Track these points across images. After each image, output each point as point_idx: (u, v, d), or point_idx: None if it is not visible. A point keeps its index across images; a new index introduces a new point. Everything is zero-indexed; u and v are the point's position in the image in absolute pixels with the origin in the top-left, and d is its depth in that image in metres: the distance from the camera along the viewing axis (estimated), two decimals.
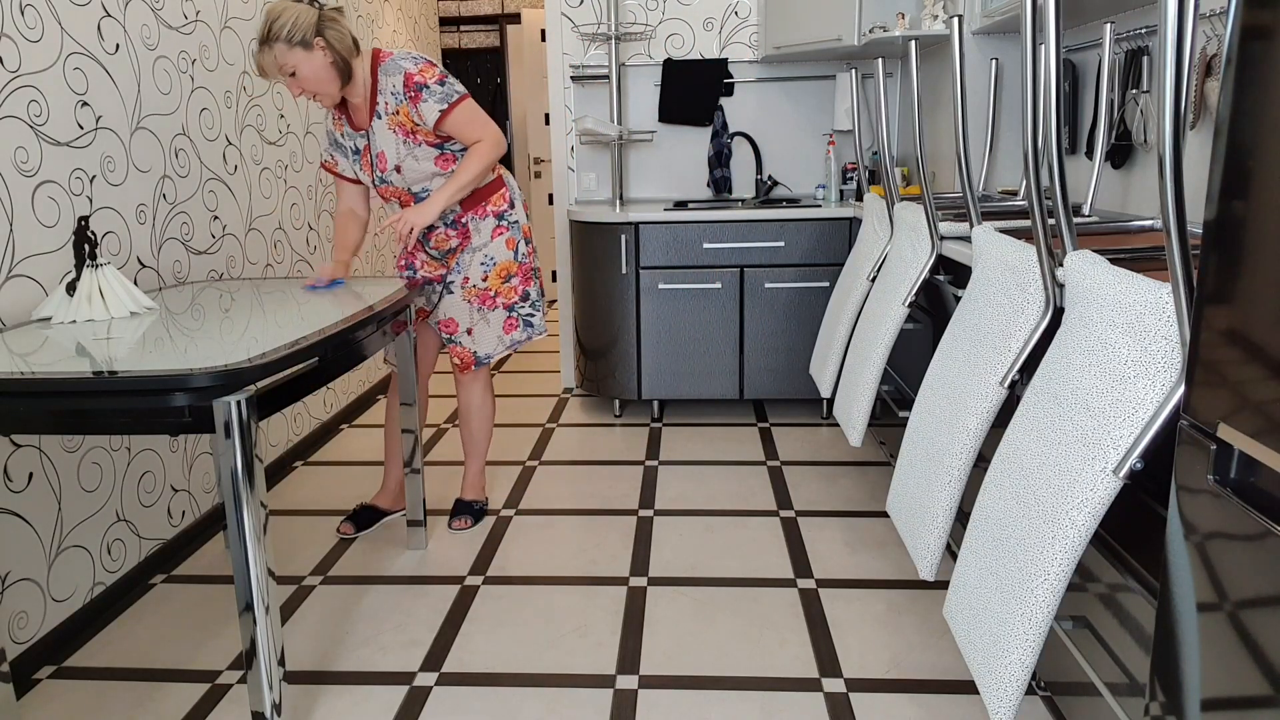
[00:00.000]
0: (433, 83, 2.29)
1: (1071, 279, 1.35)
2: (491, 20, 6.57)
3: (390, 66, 2.30)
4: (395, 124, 2.34)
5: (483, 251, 2.50)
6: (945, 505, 1.70)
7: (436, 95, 2.29)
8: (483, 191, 2.48)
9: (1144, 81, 2.26)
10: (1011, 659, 1.28)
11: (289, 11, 2.15)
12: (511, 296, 2.56)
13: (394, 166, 2.38)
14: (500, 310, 2.56)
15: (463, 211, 2.47)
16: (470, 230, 2.49)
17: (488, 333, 2.57)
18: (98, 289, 1.92)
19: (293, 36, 2.14)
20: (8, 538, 1.92)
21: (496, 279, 2.53)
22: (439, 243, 2.52)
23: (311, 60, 2.18)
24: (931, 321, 2.37)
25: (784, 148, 3.99)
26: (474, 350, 2.57)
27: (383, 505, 2.73)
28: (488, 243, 2.50)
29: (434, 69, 2.30)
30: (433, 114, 2.29)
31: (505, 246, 2.52)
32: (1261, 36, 0.85)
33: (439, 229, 2.50)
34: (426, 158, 2.38)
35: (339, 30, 2.22)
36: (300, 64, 2.17)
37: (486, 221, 2.49)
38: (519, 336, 2.61)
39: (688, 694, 1.86)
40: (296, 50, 2.15)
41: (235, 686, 1.93)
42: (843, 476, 3.02)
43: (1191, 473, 0.98)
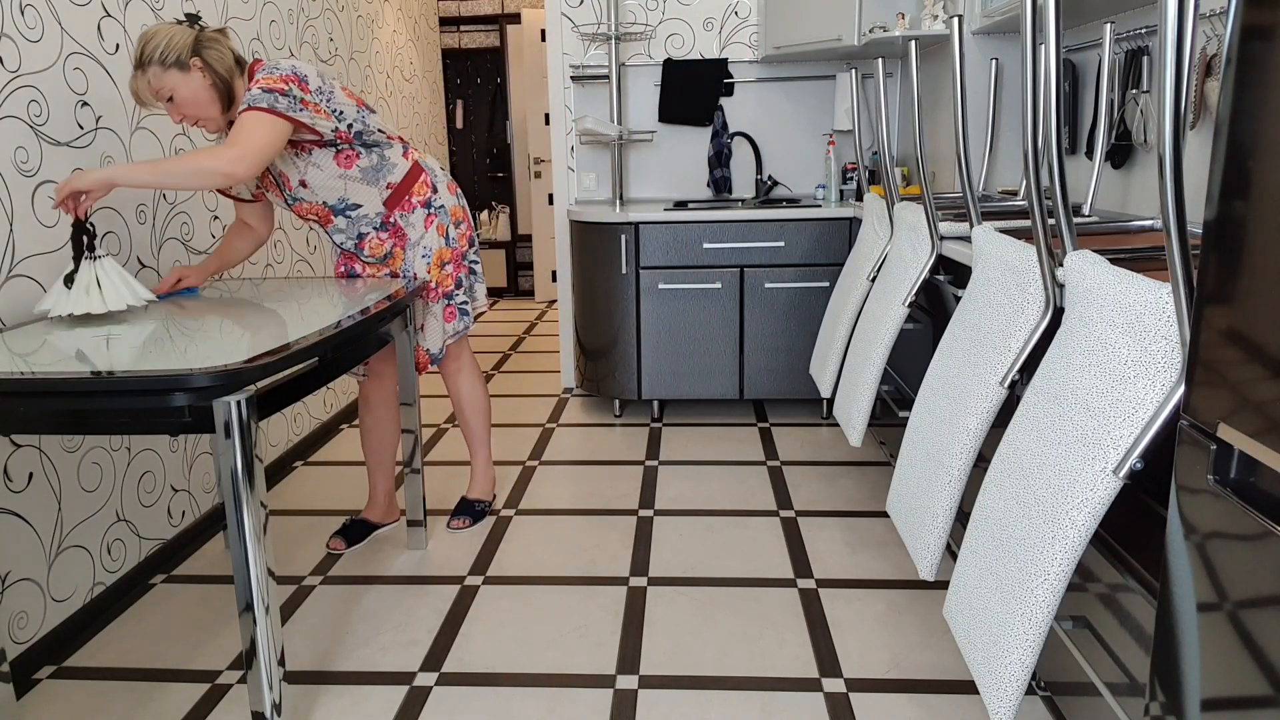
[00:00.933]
0: (259, 87, 2.05)
1: (1071, 279, 1.35)
2: (491, 20, 6.57)
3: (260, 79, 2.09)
4: None
5: (422, 244, 2.43)
6: (945, 505, 1.70)
7: (251, 94, 2.05)
8: (402, 186, 2.37)
9: (1144, 81, 2.26)
10: (1011, 659, 1.28)
11: (163, 32, 2.02)
12: (447, 284, 2.49)
13: (299, 182, 2.26)
14: (441, 300, 2.50)
15: (388, 212, 2.38)
16: (403, 227, 2.41)
17: (434, 325, 2.50)
18: (95, 281, 1.92)
19: (167, 58, 2.00)
20: (8, 538, 1.93)
21: (435, 269, 2.45)
22: (373, 249, 2.42)
23: (189, 82, 2.04)
24: (931, 321, 2.37)
25: (784, 148, 3.99)
26: (426, 348, 2.51)
27: (373, 519, 2.67)
28: (424, 234, 2.42)
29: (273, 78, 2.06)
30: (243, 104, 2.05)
31: (436, 234, 2.44)
32: (1261, 36, 0.85)
33: (369, 235, 2.40)
34: (325, 161, 2.24)
35: (219, 50, 2.08)
36: (177, 87, 2.03)
37: (416, 214, 2.41)
38: (458, 326, 2.54)
39: (688, 694, 1.86)
40: (172, 72, 2.01)
41: (235, 686, 1.93)
42: (843, 476, 3.02)
43: (1191, 473, 0.98)
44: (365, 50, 4.10)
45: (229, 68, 2.10)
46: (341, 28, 3.82)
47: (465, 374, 2.65)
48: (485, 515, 2.74)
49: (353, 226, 2.39)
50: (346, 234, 2.40)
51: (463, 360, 2.64)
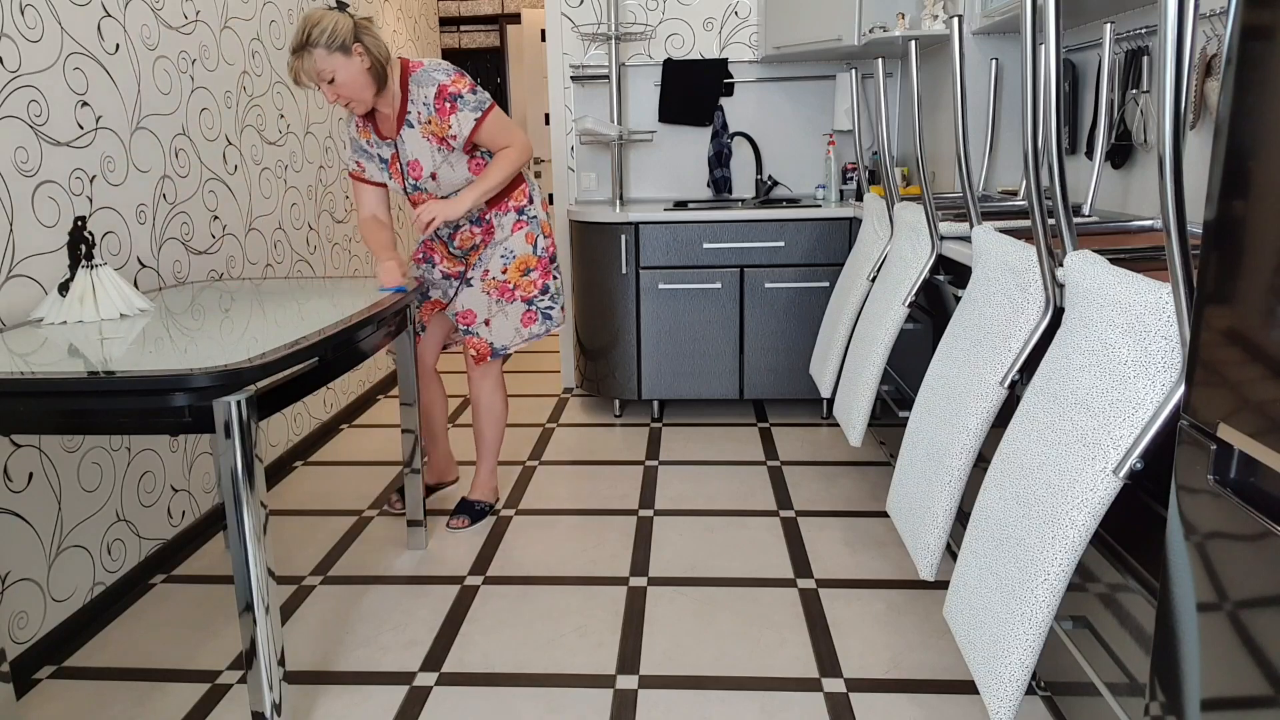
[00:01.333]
0: (466, 93, 2.34)
1: (1071, 279, 1.35)
2: (491, 20, 6.57)
3: (423, 77, 2.33)
4: (428, 133, 2.37)
5: (503, 245, 2.55)
6: (945, 505, 1.70)
7: (470, 105, 2.34)
8: (506, 189, 2.53)
9: (1144, 81, 2.26)
10: (1011, 659, 1.28)
11: (328, 17, 2.17)
12: (530, 290, 2.59)
13: (429, 174, 2.43)
14: (519, 303, 2.59)
15: (487, 209, 2.53)
16: (494, 225, 2.54)
17: (505, 325, 2.59)
18: (91, 290, 1.92)
19: (332, 42, 2.16)
20: (8, 538, 1.92)
21: (515, 272, 2.56)
22: (463, 241, 2.58)
23: (350, 66, 2.20)
24: (931, 321, 2.37)
25: (784, 148, 3.99)
26: (490, 341, 2.60)
27: (429, 481, 2.84)
28: (508, 236, 2.55)
29: (465, 79, 2.35)
30: (468, 123, 2.34)
31: (524, 240, 2.56)
32: (1261, 36, 0.85)
33: (464, 227, 2.56)
34: (461, 164, 2.43)
35: (375, 38, 2.25)
36: (339, 69, 2.19)
37: (508, 216, 2.54)
38: (537, 330, 2.64)
39: (688, 694, 1.86)
40: (336, 56, 2.17)
41: (235, 686, 1.93)
42: (843, 476, 3.02)
43: (1191, 473, 0.98)
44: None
45: (385, 54, 2.27)
46: None
47: (491, 380, 2.70)
48: (485, 515, 2.76)
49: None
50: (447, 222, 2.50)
51: (494, 369, 2.71)
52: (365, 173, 2.52)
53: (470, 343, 2.61)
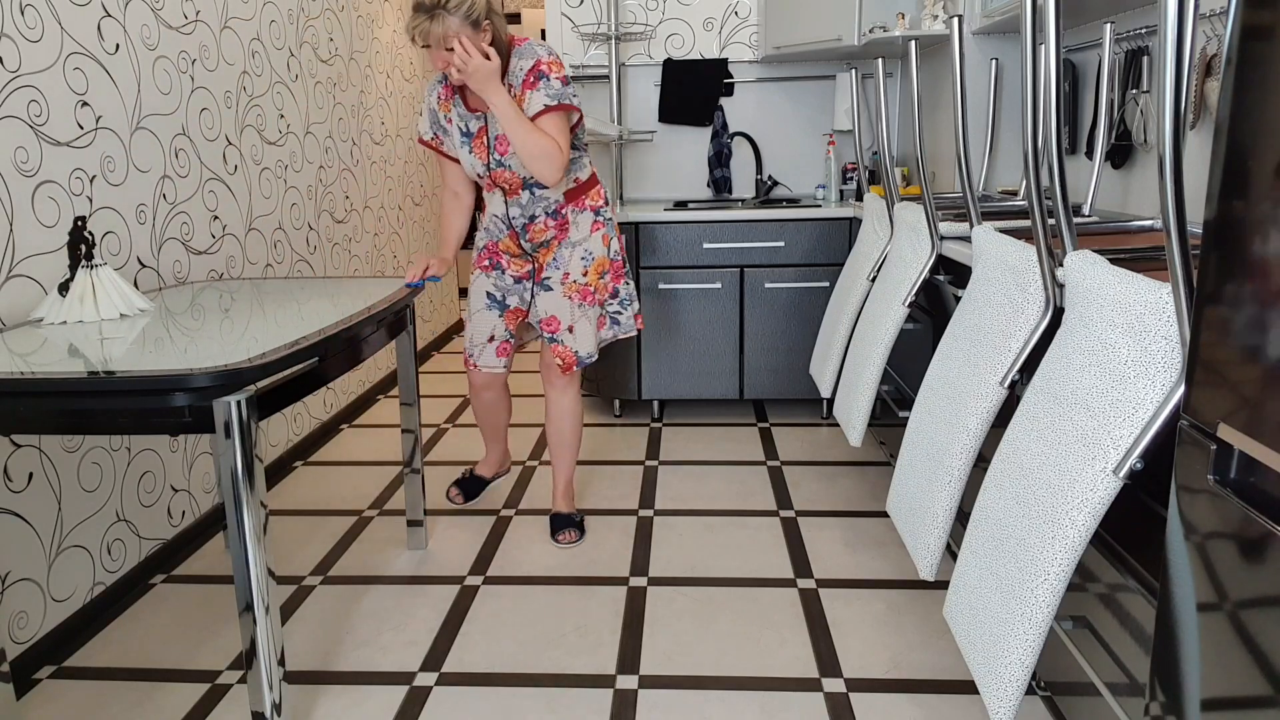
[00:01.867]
0: (555, 78, 2.28)
1: (1071, 279, 1.35)
2: None
3: (525, 50, 2.30)
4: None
5: (583, 246, 2.47)
6: (945, 505, 1.70)
7: (551, 90, 2.27)
8: (583, 185, 2.47)
9: (1144, 81, 2.26)
10: (1011, 659, 1.28)
11: None
12: (604, 293, 2.53)
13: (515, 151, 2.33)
14: (596, 307, 2.53)
15: (564, 202, 2.44)
16: (569, 222, 2.46)
17: (588, 330, 2.51)
18: (91, 290, 1.92)
19: (471, 13, 2.16)
20: (8, 538, 1.92)
21: (594, 275, 2.50)
22: (535, 234, 2.47)
23: (477, 41, 2.19)
24: (931, 321, 2.37)
25: (784, 148, 3.99)
26: (575, 349, 2.50)
27: (486, 474, 2.86)
28: (587, 237, 2.47)
29: (562, 68, 2.31)
30: (538, 104, 2.26)
31: (601, 242, 2.49)
32: (1261, 36, 0.85)
33: (539, 219, 2.45)
34: None
35: (500, 16, 2.26)
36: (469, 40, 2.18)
37: (585, 215, 2.47)
38: (606, 335, 2.60)
39: (688, 694, 1.86)
40: (468, 26, 2.17)
41: (235, 686, 1.93)
42: (843, 476, 3.02)
43: (1191, 473, 0.98)
44: (365, 50, 4.10)
45: (508, 38, 2.28)
46: (341, 28, 3.82)
47: (574, 391, 2.61)
48: (583, 524, 2.66)
49: (533, 204, 2.42)
50: (524, 210, 2.43)
51: (577, 377, 2.62)
52: (443, 145, 2.47)
53: (556, 351, 2.50)
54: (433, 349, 5.10)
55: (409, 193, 4.74)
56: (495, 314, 2.57)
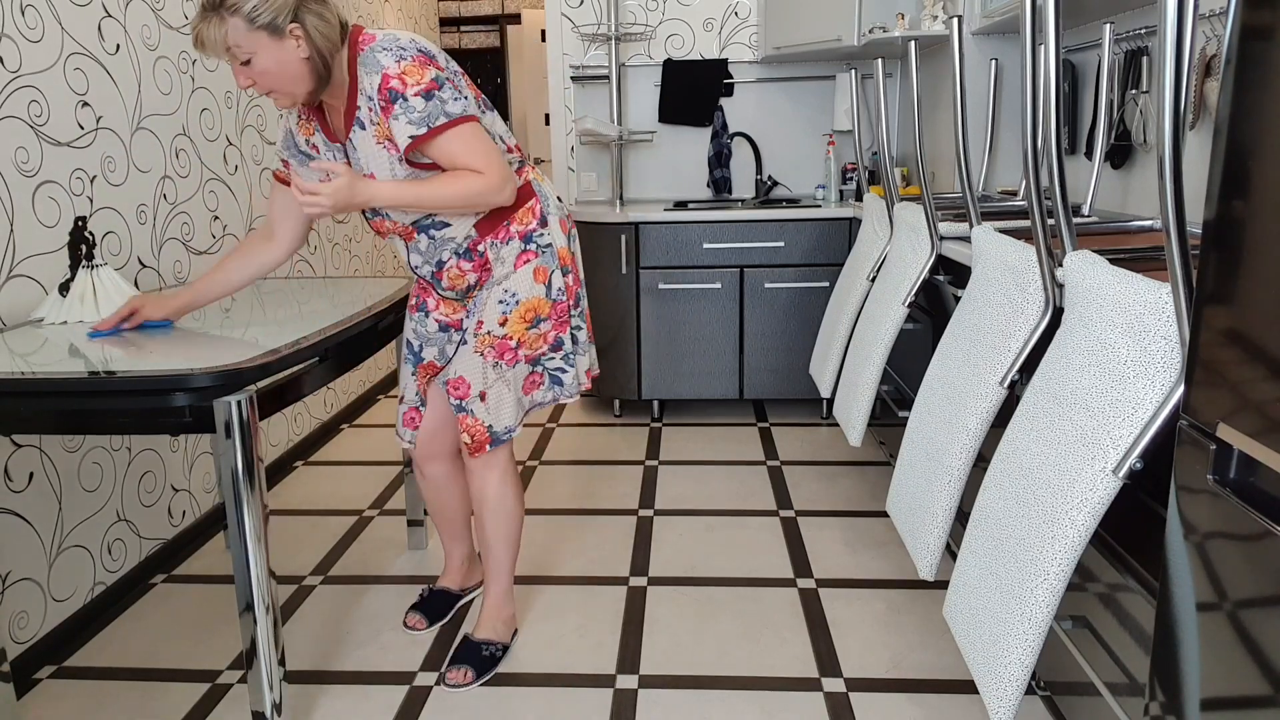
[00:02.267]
0: (414, 93, 1.63)
1: (1071, 279, 1.35)
2: (491, 20, 6.57)
3: (368, 60, 1.64)
4: (381, 137, 1.69)
5: (502, 285, 1.83)
6: (945, 505, 1.70)
7: (414, 113, 1.64)
8: (502, 209, 1.82)
9: (1144, 81, 2.26)
10: (1011, 659, 1.28)
11: None
12: (539, 346, 1.87)
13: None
14: (523, 365, 1.87)
15: (479, 237, 1.82)
16: (491, 259, 1.84)
17: (505, 397, 1.86)
18: (91, 290, 1.92)
19: (257, 15, 1.54)
20: (8, 538, 1.93)
21: (519, 323, 1.83)
22: (452, 281, 1.88)
23: (279, 51, 1.58)
24: (931, 321, 2.37)
25: (784, 148, 3.99)
26: (488, 423, 1.86)
27: (452, 587, 2.23)
28: (510, 273, 1.83)
29: (423, 70, 1.65)
30: (402, 136, 1.65)
31: (533, 278, 1.83)
32: (1261, 36, 0.85)
33: (450, 262, 1.85)
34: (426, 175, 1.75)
35: (325, 18, 1.62)
36: (261, 52, 1.57)
37: (510, 246, 1.82)
38: (540, 398, 1.92)
39: (688, 694, 1.86)
40: (260, 35, 1.56)
41: (235, 686, 1.93)
42: (843, 476, 3.02)
43: (1191, 473, 0.98)
44: None
45: (332, 42, 1.63)
46: None
47: (498, 470, 1.94)
48: (497, 660, 1.98)
49: (435, 250, 1.84)
50: (426, 258, 1.86)
51: (499, 457, 1.93)
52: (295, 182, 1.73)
53: (463, 423, 1.86)
54: None
55: None
56: (410, 369, 2.02)
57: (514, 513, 1.99)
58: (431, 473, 2.10)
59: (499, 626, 2.03)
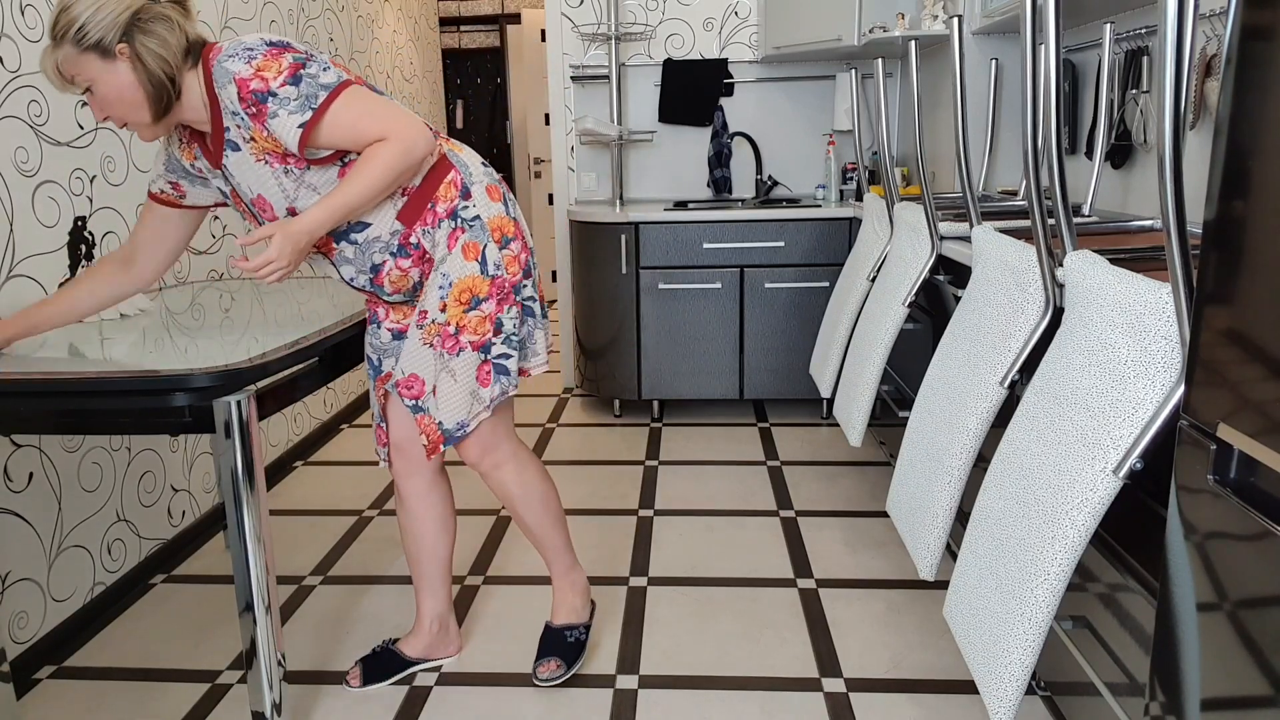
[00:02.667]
0: (279, 84, 1.49)
1: (1071, 279, 1.35)
2: (491, 20, 6.57)
3: (219, 74, 1.50)
4: (260, 153, 1.57)
5: (440, 271, 1.69)
6: (945, 505, 1.70)
7: (290, 103, 1.50)
8: (423, 189, 1.67)
9: (1144, 81, 2.26)
10: (1011, 659, 1.28)
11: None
12: (482, 330, 1.70)
13: (286, 210, 1.63)
14: (469, 353, 1.70)
15: (406, 229, 1.67)
16: (427, 248, 1.70)
17: (454, 390, 1.70)
18: None
19: (84, 35, 1.42)
20: (8, 538, 1.93)
21: (456, 306, 1.68)
22: (395, 284, 1.73)
23: (111, 74, 1.45)
24: (931, 321, 2.37)
25: (784, 148, 3.99)
26: (438, 420, 1.71)
27: (410, 652, 1.96)
28: (446, 256, 1.68)
29: (279, 58, 1.51)
30: (290, 132, 1.51)
31: (463, 256, 1.67)
32: (1261, 36, 0.85)
33: (385, 265, 1.70)
34: (328, 182, 1.61)
35: (159, 37, 1.47)
36: (97, 78, 1.45)
37: (441, 228, 1.68)
38: (495, 392, 1.74)
39: (688, 694, 1.86)
40: (90, 58, 1.44)
41: (235, 686, 1.93)
42: (843, 476, 3.02)
43: (1191, 473, 0.98)
44: (365, 50, 4.10)
45: (170, 62, 1.49)
46: (341, 28, 3.82)
47: (509, 469, 1.84)
48: (583, 645, 1.94)
49: (363, 255, 1.69)
50: (357, 266, 1.71)
51: (501, 452, 1.83)
52: (185, 198, 1.71)
53: (420, 424, 1.73)
54: None
55: None
56: (371, 383, 1.89)
57: (544, 495, 1.90)
58: (408, 492, 1.90)
59: (576, 605, 1.96)
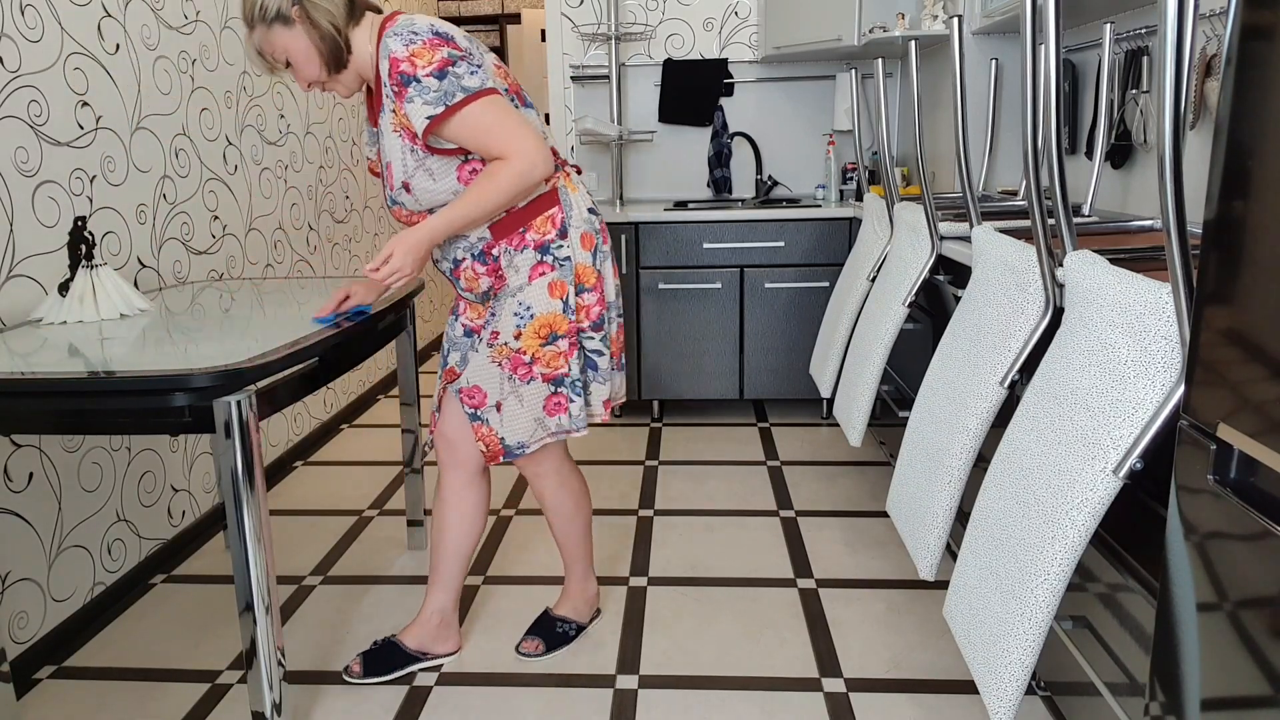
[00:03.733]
0: (425, 73, 1.61)
1: (1071, 279, 1.35)
2: (491, 20, 6.57)
3: (383, 46, 1.66)
4: (397, 125, 1.68)
5: (517, 298, 1.77)
6: (945, 505, 1.70)
7: (429, 93, 1.62)
8: (523, 212, 1.76)
9: (1144, 81, 2.26)
10: (1011, 659, 1.28)
11: None
12: (555, 364, 1.79)
13: (400, 184, 1.73)
14: (539, 383, 1.79)
15: (493, 240, 1.77)
16: (503, 266, 1.78)
17: (520, 413, 1.81)
18: (91, 290, 1.92)
19: (266, 11, 1.62)
20: (8, 538, 1.93)
21: (534, 338, 1.77)
22: (468, 282, 1.83)
23: (294, 39, 1.64)
24: (931, 321, 2.37)
25: (784, 148, 3.99)
26: (501, 435, 1.82)
27: (409, 644, 1.97)
28: (525, 285, 1.77)
29: (433, 50, 1.63)
30: (419, 120, 1.63)
31: (548, 293, 1.76)
32: (1261, 36, 0.85)
33: (466, 262, 1.81)
34: (446, 172, 1.71)
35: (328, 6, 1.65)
36: (287, 45, 1.64)
37: (524, 255, 1.77)
38: (558, 425, 1.83)
39: (688, 694, 1.86)
40: (276, 30, 1.63)
41: (235, 686, 1.93)
42: (843, 476, 3.02)
43: (1191, 473, 0.98)
44: None
45: (336, 14, 1.65)
46: None
47: (549, 481, 1.96)
48: (570, 637, 2.06)
49: (450, 246, 1.81)
50: (443, 253, 1.83)
51: (545, 465, 1.93)
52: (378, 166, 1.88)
53: (478, 432, 1.83)
54: (433, 349, 5.10)
55: None
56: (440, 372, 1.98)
57: (574, 512, 2.02)
58: (445, 482, 1.96)
59: (579, 605, 2.10)
